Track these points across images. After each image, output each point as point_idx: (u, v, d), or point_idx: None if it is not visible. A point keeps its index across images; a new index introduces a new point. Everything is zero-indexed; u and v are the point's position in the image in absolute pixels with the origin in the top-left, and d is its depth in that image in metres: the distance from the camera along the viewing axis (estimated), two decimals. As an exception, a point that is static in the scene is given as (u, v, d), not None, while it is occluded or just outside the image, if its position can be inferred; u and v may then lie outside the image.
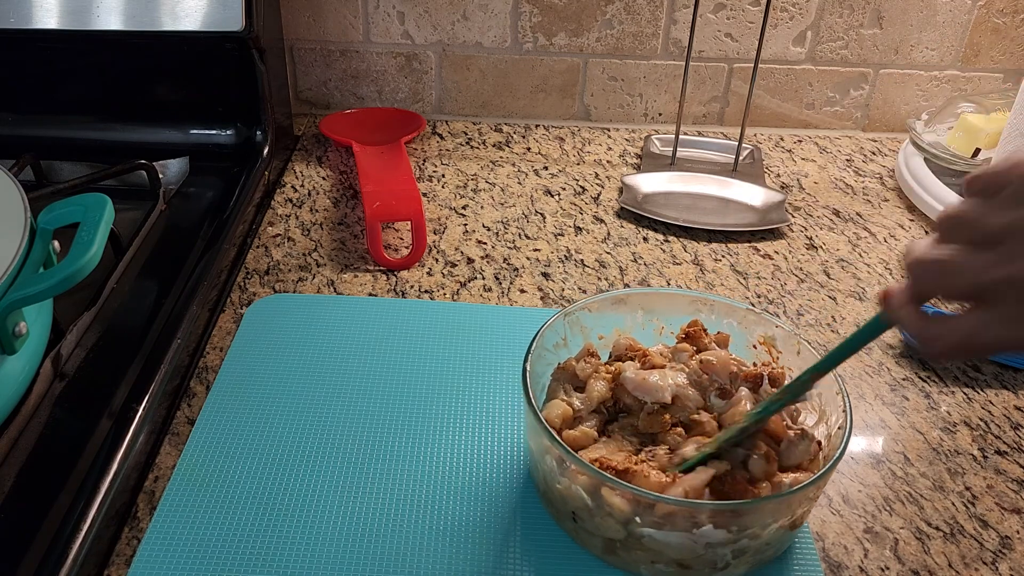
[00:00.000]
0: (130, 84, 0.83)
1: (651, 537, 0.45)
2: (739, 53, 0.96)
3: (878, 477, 0.56)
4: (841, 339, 0.46)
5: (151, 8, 0.77)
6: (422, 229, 0.74)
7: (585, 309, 0.57)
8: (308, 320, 0.66)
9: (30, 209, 0.55)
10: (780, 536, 0.47)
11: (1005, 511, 0.54)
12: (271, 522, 0.50)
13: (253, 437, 0.56)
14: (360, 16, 0.94)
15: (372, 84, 0.98)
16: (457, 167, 0.90)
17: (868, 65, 0.97)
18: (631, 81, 0.98)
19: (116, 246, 0.67)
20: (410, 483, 0.53)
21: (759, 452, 0.47)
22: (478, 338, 0.65)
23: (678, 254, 0.77)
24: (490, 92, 0.99)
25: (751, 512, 0.45)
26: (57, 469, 0.50)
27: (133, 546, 0.49)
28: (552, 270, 0.74)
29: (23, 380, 0.54)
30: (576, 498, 0.47)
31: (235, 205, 0.75)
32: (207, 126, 0.84)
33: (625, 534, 0.46)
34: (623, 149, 0.95)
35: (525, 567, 0.48)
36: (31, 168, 0.76)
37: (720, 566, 0.46)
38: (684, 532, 0.44)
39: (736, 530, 0.44)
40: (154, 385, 0.56)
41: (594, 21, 0.94)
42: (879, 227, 0.83)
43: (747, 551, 0.46)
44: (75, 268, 0.51)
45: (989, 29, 0.95)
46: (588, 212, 0.83)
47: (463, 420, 0.58)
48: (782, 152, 0.96)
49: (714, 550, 0.45)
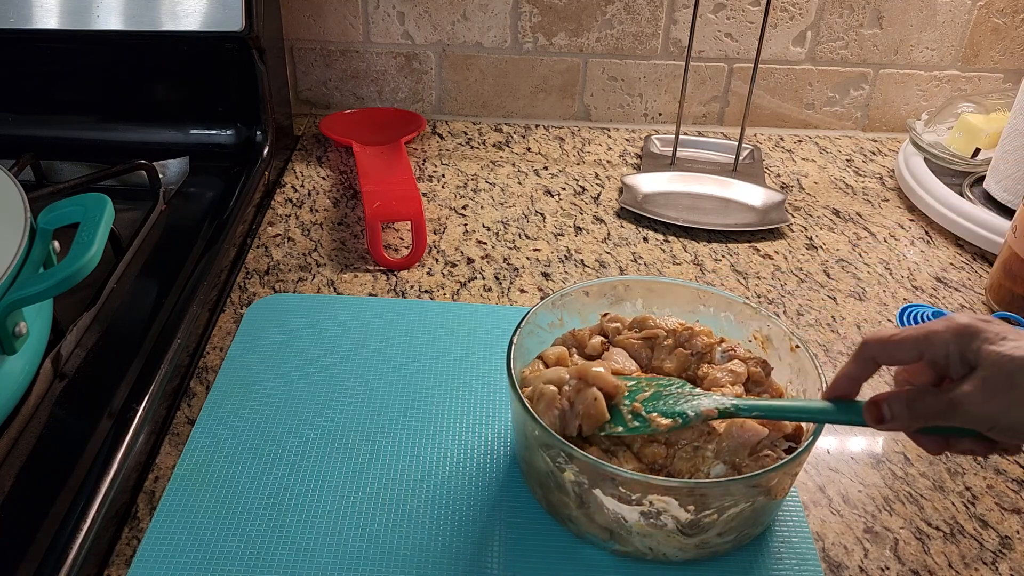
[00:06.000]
0: (130, 84, 0.83)
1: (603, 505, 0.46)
2: (739, 53, 0.96)
3: (878, 477, 0.56)
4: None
5: (151, 8, 0.77)
6: (422, 229, 0.74)
7: (583, 292, 0.58)
8: (308, 320, 0.66)
9: (30, 209, 0.55)
10: (752, 513, 0.47)
11: (1005, 511, 0.54)
12: (271, 522, 0.50)
13: (253, 437, 0.56)
14: (360, 16, 0.94)
15: (372, 84, 0.98)
16: (457, 167, 0.90)
17: (868, 65, 0.97)
18: (631, 81, 0.98)
19: (116, 246, 0.67)
20: (409, 482, 0.53)
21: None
22: (478, 338, 0.65)
23: (678, 254, 0.77)
24: (490, 92, 0.99)
25: (708, 492, 0.45)
26: (57, 469, 0.50)
27: (133, 546, 0.49)
28: (552, 270, 0.74)
29: (23, 380, 0.54)
30: (540, 464, 0.48)
31: (235, 205, 0.75)
32: (207, 126, 0.84)
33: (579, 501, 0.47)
34: (623, 149, 0.95)
35: (526, 567, 0.48)
36: (31, 168, 0.76)
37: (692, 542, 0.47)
38: (636, 506, 0.45)
39: (694, 509, 0.45)
40: (154, 385, 0.56)
41: (594, 21, 0.94)
42: (879, 227, 0.83)
43: (713, 527, 0.46)
44: (75, 268, 0.51)
45: (989, 29, 0.95)
46: (588, 212, 0.83)
47: (463, 420, 0.58)
48: (782, 152, 0.96)
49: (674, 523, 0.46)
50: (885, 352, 0.44)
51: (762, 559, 0.49)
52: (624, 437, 0.50)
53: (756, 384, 0.54)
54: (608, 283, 0.59)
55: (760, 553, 0.50)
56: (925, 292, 0.73)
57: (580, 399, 0.49)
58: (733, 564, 0.49)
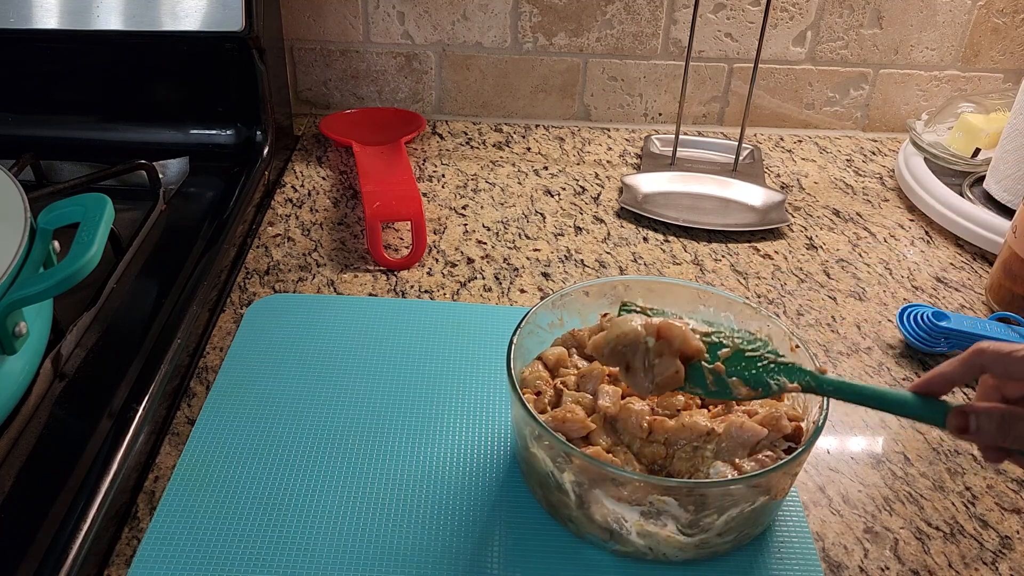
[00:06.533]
0: (130, 84, 0.83)
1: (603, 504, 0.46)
2: (739, 53, 0.96)
3: (878, 477, 0.56)
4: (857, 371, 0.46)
5: (151, 8, 0.77)
6: (422, 229, 0.74)
7: (583, 292, 0.58)
8: (308, 320, 0.66)
9: (30, 209, 0.55)
10: (752, 513, 0.47)
11: (1005, 511, 0.54)
12: (271, 522, 0.50)
13: (253, 437, 0.56)
14: (360, 16, 0.94)
15: (372, 84, 0.98)
16: (457, 167, 0.90)
17: (868, 65, 0.97)
18: (631, 81, 0.98)
19: (116, 246, 0.67)
20: (410, 483, 0.53)
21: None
22: (478, 338, 0.65)
23: (678, 254, 0.77)
24: (490, 92, 0.99)
25: (709, 493, 0.45)
26: (57, 469, 0.50)
27: (133, 546, 0.49)
28: (552, 270, 0.74)
29: (23, 380, 0.54)
30: (540, 463, 0.48)
31: (235, 205, 0.75)
32: (207, 126, 0.84)
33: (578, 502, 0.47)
34: (623, 149, 0.95)
35: (526, 567, 0.48)
36: (31, 168, 0.76)
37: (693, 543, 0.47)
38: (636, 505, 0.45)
39: (693, 509, 0.45)
40: (154, 385, 0.56)
41: (594, 21, 0.94)
42: (879, 227, 0.83)
43: (713, 527, 0.46)
44: (75, 268, 0.51)
45: (989, 29, 0.95)
46: (588, 212, 0.83)
47: (463, 420, 0.58)
48: (782, 152, 0.96)
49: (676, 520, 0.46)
50: (1002, 366, 0.42)
51: (762, 559, 0.49)
52: (623, 436, 0.50)
53: None
54: (608, 283, 0.59)
55: (760, 553, 0.50)
56: (925, 292, 0.73)
57: (661, 366, 0.47)
58: (733, 564, 0.49)
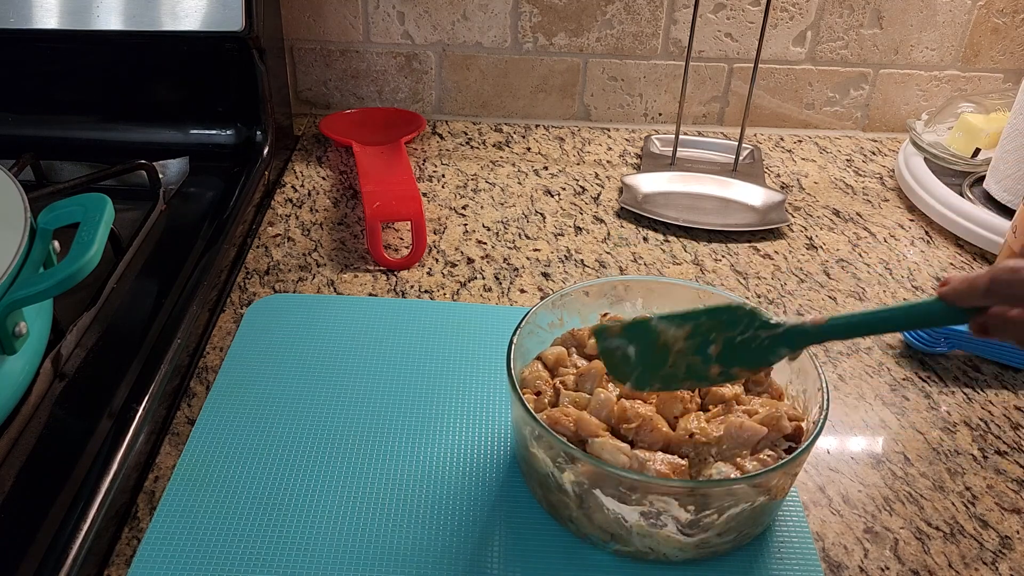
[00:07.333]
0: (130, 84, 0.83)
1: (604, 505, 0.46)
2: (739, 53, 0.96)
3: (878, 477, 0.56)
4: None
5: (151, 8, 0.77)
6: (422, 229, 0.74)
7: (583, 292, 0.58)
8: (308, 320, 0.66)
9: (30, 209, 0.55)
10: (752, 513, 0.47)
11: (1005, 511, 0.54)
12: (271, 522, 0.50)
13: (253, 437, 0.56)
14: (360, 16, 0.94)
15: (372, 84, 0.98)
16: (457, 167, 0.90)
17: (868, 65, 0.97)
18: (631, 81, 0.98)
19: (116, 246, 0.67)
20: (410, 483, 0.53)
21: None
22: (478, 338, 0.65)
23: (678, 254, 0.77)
24: (490, 92, 0.99)
25: (710, 493, 0.45)
26: (57, 469, 0.50)
27: (133, 546, 0.49)
28: (552, 270, 0.74)
29: (23, 380, 0.54)
30: (540, 463, 0.48)
31: (235, 205, 0.75)
32: (207, 126, 0.84)
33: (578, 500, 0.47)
34: (623, 149, 0.95)
35: (526, 567, 0.48)
36: (31, 168, 0.76)
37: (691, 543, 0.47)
38: (637, 506, 0.45)
39: (694, 509, 0.45)
40: (154, 385, 0.56)
41: (594, 21, 0.94)
42: (879, 227, 0.83)
43: (713, 527, 0.46)
44: (75, 268, 0.51)
45: (989, 29, 0.95)
46: (588, 212, 0.83)
47: (463, 420, 0.58)
48: (782, 152, 0.96)
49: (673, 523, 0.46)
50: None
51: (762, 559, 0.49)
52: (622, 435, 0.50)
53: (756, 384, 0.54)
54: (608, 283, 0.59)
55: (760, 553, 0.50)
56: (925, 292, 0.73)
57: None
58: (733, 564, 0.49)
